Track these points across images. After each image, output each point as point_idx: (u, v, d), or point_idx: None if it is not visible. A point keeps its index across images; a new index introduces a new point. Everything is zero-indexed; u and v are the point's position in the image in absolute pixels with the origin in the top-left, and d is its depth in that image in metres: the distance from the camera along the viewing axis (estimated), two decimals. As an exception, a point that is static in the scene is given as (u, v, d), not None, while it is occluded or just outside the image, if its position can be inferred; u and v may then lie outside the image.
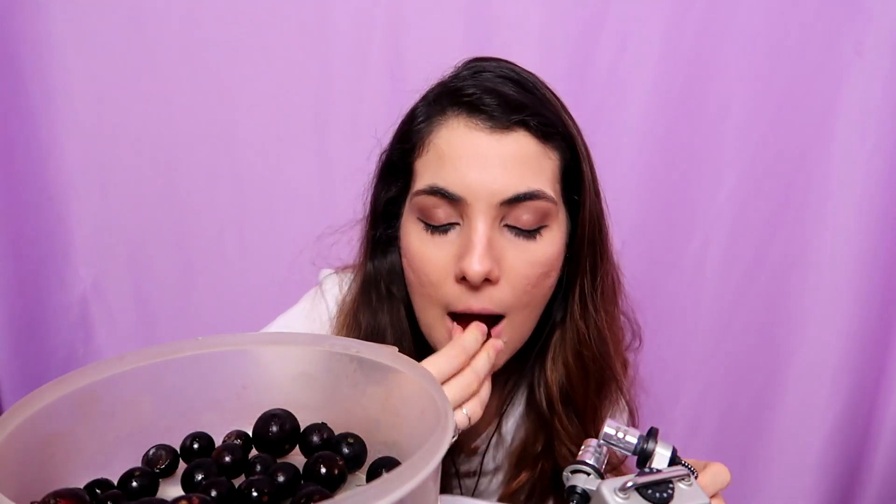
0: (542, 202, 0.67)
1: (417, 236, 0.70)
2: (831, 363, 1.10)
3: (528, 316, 0.72)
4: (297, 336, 0.57)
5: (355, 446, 0.54)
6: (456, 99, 0.69)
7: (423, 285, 0.70)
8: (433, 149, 0.69)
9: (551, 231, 0.69)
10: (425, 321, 0.73)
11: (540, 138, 0.68)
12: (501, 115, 0.67)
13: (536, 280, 0.69)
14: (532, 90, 0.70)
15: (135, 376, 0.53)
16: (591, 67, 1.02)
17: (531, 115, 0.67)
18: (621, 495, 0.46)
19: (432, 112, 0.71)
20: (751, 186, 1.06)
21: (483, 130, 0.67)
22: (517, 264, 0.67)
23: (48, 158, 1.10)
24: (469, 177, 0.66)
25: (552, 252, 0.70)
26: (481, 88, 0.68)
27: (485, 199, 0.65)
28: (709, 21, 1.00)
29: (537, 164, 0.68)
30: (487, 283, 0.67)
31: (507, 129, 0.67)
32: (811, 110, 1.03)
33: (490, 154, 0.66)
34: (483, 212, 0.66)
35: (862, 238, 1.06)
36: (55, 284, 1.15)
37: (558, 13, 1.00)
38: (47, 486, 0.46)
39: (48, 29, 1.04)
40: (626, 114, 1.03)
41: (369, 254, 0.79)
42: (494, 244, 0.66)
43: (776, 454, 1.16)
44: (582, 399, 0.78)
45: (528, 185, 0.66)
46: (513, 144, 0.67)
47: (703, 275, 1.10)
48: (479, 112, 0.67)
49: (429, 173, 0.69)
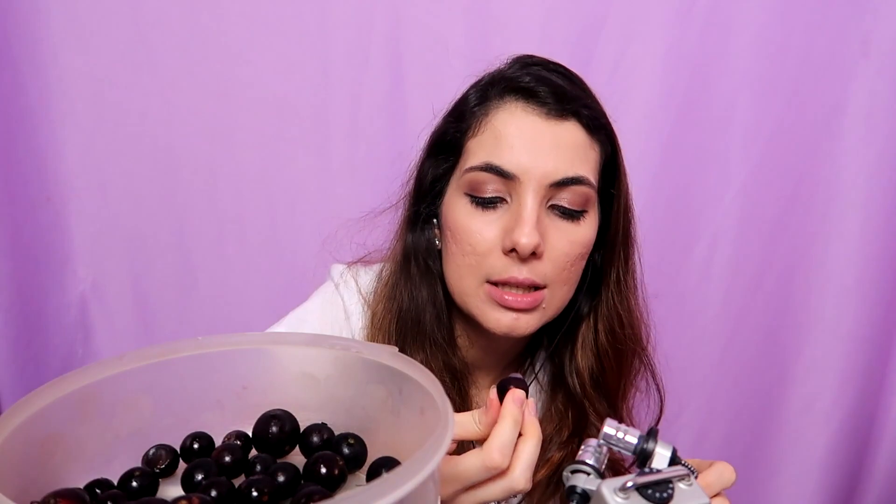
0: (586, 188, 0.72)
1: (465, 209, 0.74)
2: (837, 366, 1.10)
3: (565, 293, 0.76)
4: (298, 336, 0.57)
5: (355, 446, 0.54)
6: (513, 85, 0.73)
7: (467, 255, 0.74)
8: (490, 129, 0.73)
9: (590, 216, 0.75)
10: (461, 289, 0.76)
11: (588, 130, 0.73)
12: (556, 104, 0.71)
13: (574, 259, 0.74)
14: (579, 84, 0.76)
15: (135, 376, 0.53)
16: (593, 68, 1.02)
17: (582, 107, 0.72)
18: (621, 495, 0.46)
19: (489, 96, 0.75)
20: (757, 187, 1.06)
21: (539, 115, 0.71)
22: (559, 244, 0.72)
23: (48, 158, 1.09)
24: (524, 157, 0.70)
25: (589, 235, 0.75)
26: (536, 78, 0.73)
27: (536, 178, 0.70)
28: (713, 20, 1.00)
29: (584, 153, 0.73)
30: (532, 257, 0.71)
31: (561, 117, 0.72)
32: (817, 110, 1.02)
33: (544, 138, 0.71)
34: (534, 190, 0.70)
35: (868, 239, 1.05)
36: (55, 285, 1.14)
37: (558, 13, 1.00)
38: (47, 486, 0.46)
39: (48, 29, 1.04)
40: (629, 115, 1.03)
41: (409, 229, 0.83)
42: (541, 222, 0.71)
43: (781, 457, 1.16)
44: (615, 381, 0.83)
45: (577, 170, 0.71)
46: (565, 132, 0.72)
47: (709, 277, 1.10)
48: (535, 98, 0.72)
49: (484, 151, 0.73)
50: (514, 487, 0.56)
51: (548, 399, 0.86)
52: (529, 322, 0.74)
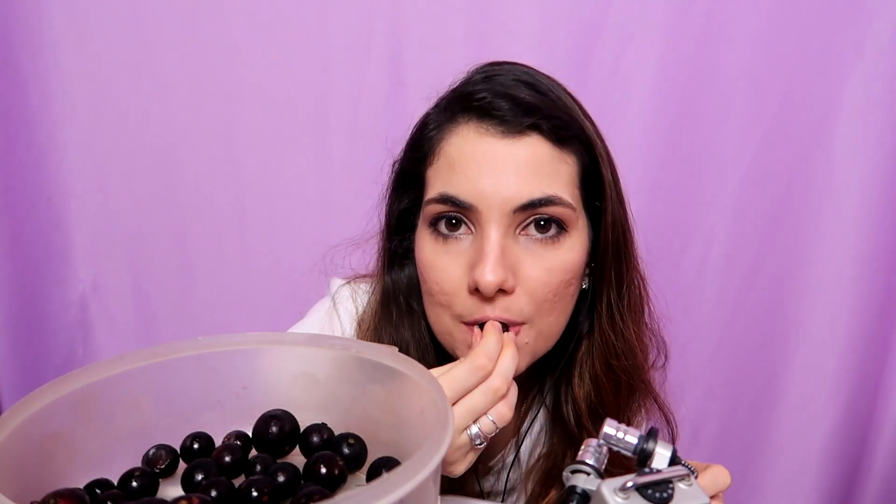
0: (558, 208, 0.65)
1: (430, 245, 0.68)
2: (832, 364, 1.10)
3: (553, 324, 0.69)
4: (298, 336, 0.57)
5: (355, 446, 0.54)
6: (466, 104, 0.67)
7: (435, 294, 0.68)
8: (444, 157, 0.67)
9: (571, 238, 0.67)
10: (439, 329, 0.71)
11: (554, 142, 0.66)
12: (513, 119, 0.64)
13: (557, 288, 0.66)
14: (546, 92, 0.68)
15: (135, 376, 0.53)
16: (592, 68, 1.02)
17: (544, 118, 0.65)
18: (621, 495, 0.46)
19: (443, 119, 0.69)
20: (752, 187, 1.06)
21: (494, 136, 0.65)
22: (535, 272, 0.65)
23: (47, 159, 1.10)
24: (480, 184, 0.64)
25: (572, 259, 0.67)
26: (493, 93, 0.66)
27: (497, 206, 0.63)
28: (710, 23, 1.00)
29: (553, 168, 0.65)
30: (502, 294, 0.64)
31: (520, 134, 0.65)
32: (812, 111, 1.03)
33: (502, 160, 0.64)
34: (496, 220, 0.64)
35: (863, 238, 1.06)
36: (55, 284, 1.14)
37: (558, 13, 1.00)
38: (47, 486, 0.46)
39: (48, 29, 1.04)
40: (626, 115, 1.03)
41: (386, 267, 0.77)
42: (509, 253, 0.64)
43: (777, 455, 1.16)
44: (613, 412, 0.75)
45: (544, 190, 0.64)
46: (525, 149, 0.64)
47: (704, 276, 1.10)
48: (489, 117, 0.65)
49: (440, 181, 0.67)
50: (494, 387, 0.58)
51: (550, 429, 0.80)
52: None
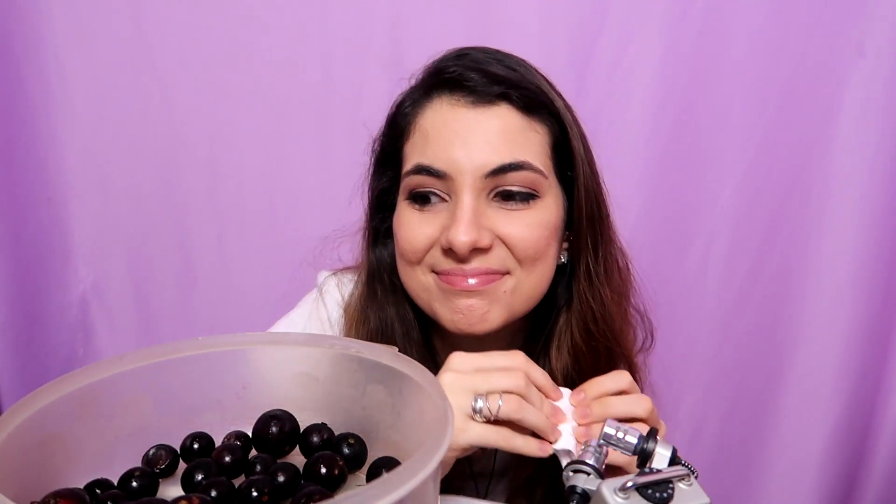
0: (529, 173, 0.67)
1: (406, 213, 0.71)
2: (832, 364, 1.10)
3: (534, 283, 0.71)
4: (298, 336, 0.57)
5: (355, 446, 0.54)
6: (439, 79, 0.70)
7: (406, 253, 0.71)
8: (419, 130, 0.70)
9: (545, 202, 0.69)
10: (414, 289, 0.73)
11: (524, 111, 0.68)
12: (483, 90, 0.67)
13: (537, 243, 0.68)
14: (516, 67, 0.71)
15: (135, 376, 0.53)
16: (592, 69, 1.02)
17: (513, 88, 0.67)
18: (621, 495, 0.46)
19: (418, 96, 0.72)
20: (753, 187, 1.06)
21: (465, 106, 0.68)
22: (515, 229, 0.67)
23: (48, 159, 1.10)
24: (453, 152, 0.66)
25: (548, 218, 0.69)
26: (464, 67, 0.69)
27: (470, 172, 0.66)
28: (710, 23, 1.00)
29: (523, 136, 0.68)
30: (478, 253, 0.67)
31: (490, 104, 0.67)
32: (813, 111, 1.03)
33: (473, 129, 0.67)
34: (469, 184, 0.66)
35: (863, 239, 1.06)
36: (55, 285, 1.15)
37: (558, 13, 1.00)
38: (47, 486, 0.46)
39: (48, 29, 1.04)
40: (627, 115, 1.03)
41: (371, 245, 0.80)
42: (483, 215, 0.67)
43: (777, 455, 1.16)
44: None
45: (514, 156, 0.66)
46: (496, 118, 0.67)
47: (705, 276, 1.10)
48: (461, 88, 0.68)
49: (416, 154, 0.70)
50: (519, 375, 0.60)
51: None
52: (488, 311, 0.69)
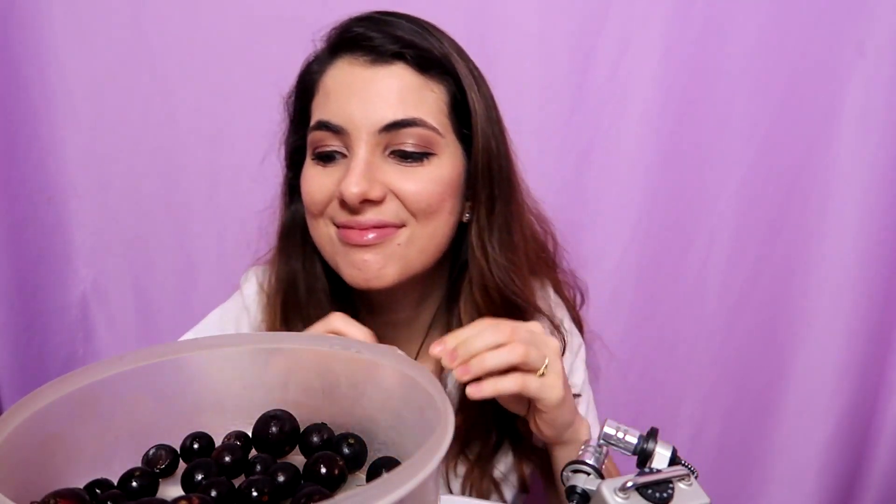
0: (422, 129, 0.70)
1: (310, 169, 0.74)
2: (833, 364, 1.10)
3: (429, 237, 0.73)
4: (298, 336, 0.58)
5: (355, 446, 0.54)
6: (342, 39, 0.73)
7: (309, 206, 0.74)
8: (322, 89, 0.73)
9: (440, 160, 0.72)
10: (320, 243, 0.75)
11: (419, 70, 0.71)
12: (380, 49, 0.70)
13: (430, 198, 0.71)
14: (420, 30, 0.73)
15: (135, 376, 0.53)
16: (592, 68, 1.02)
17: (409, 48, 0.70)
18: (621, 495, 0.46)
19: (324, 57, 0.75)
20: (754, 188, 1.06)
21: (364, 65, 0.71)
22: (408, 185, 0.70)
23: (48, 159, 1.09)
24: (349, 108, 0.69)
25: (444, 174, 0.72)
26: (366, 27, 0.72)
27: (365, 127, 0.69)
28: (710, 23, 0.99)
29: (418, 94, 0.70)
30: (370, 204, 0.69)
31: (387, 63, 0.70)
32: (813, 111, 1.02)
33: (370, 86, 0.70)
34: (364, 139, 0.69)
35: (864, 239, 1.05)
36: (55, 284, 1.14)
37: (558, 13, 1.00)
38: (47, 486, 0.46)
39: (48, 29, 1.04)
40: (627, 115, 1.03)
41: (287, 200, 0.83)
42: (377, 169, 0.70)
43: (779, 455, 1.16)
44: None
45: (409, 113, 0.69)
46: (391, 76, 0.70)
47: (706, 277, 1.10)
48: (359, 48, 0.71)
49: (318, 111, 0.73)
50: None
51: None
52: (384, 266, 0.71)
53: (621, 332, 1.10)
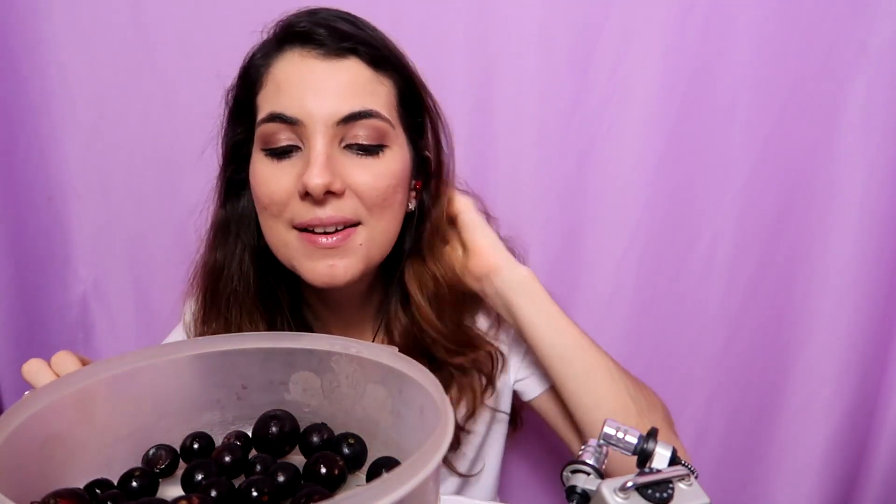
0: (377, 121, 0.71)
1: (261, 164, 0.73)
2: (835, 365, 1.10)
3: (385, 230, 0.75)
4: (298, 336, 0.57)
5: (355, 446, 0.54)
6: (290, 32, 0.74)
7: (268, 206, 0.73)
8: (272, 81, 0.73)
9: (392, 151, 0.73)
10: (275, 243, 0.75)
11: (371, 65, 0.73)
12: (332, 44, 0.71)
13: (385, 192, 0.72)
14: (363, 27, 0.75)
15: (135, 376, 0.53)
16: (593, 68, 1.02)
17: (360, 44, 0.72)
18: (621, 495, 0.46)
19: (269, 49, 0.75)
20: (756, 188, 1.06)
21: (317, 58, 0.71)
22: (363, 178, 0.71)
23: (48, 158, 1.09)
24: (305, 100, 0.70)
25: (395, 167, 0.73)
26: (314, 23, 0.73)
27: (321, 119, 0.69)
28: (712, 21, 0.99)
29: (371, 87, 0.72)
30: (332, 196, 0.70)
31: (340, 57, 0.71)
32: (816, 110, 1.02)
33: (324, 79, 0.71)
34: (321, 132, 0.69)
35: (866, 239, 1.05)
36: (55, 284, 1.14)
37: (559, 13, 1.00)
38: (47, 486, 0.46)
39: (48, 29, 1.04)
40: (629, 115, 1.03)
41: (223, 199, 0.83)
42: (335, 161, 0.70)
43: (781, 456, 1.16)
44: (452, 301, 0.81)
45: (363, 104, 0.70)
46: (345, 70, 0.71)
47: (709, 277, 1.09)
48: (311, 42, 0.72)
49: (269, 103, 0.72)
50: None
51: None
52: (349, 266, 0.72)
53: (622, 333, 1.10)
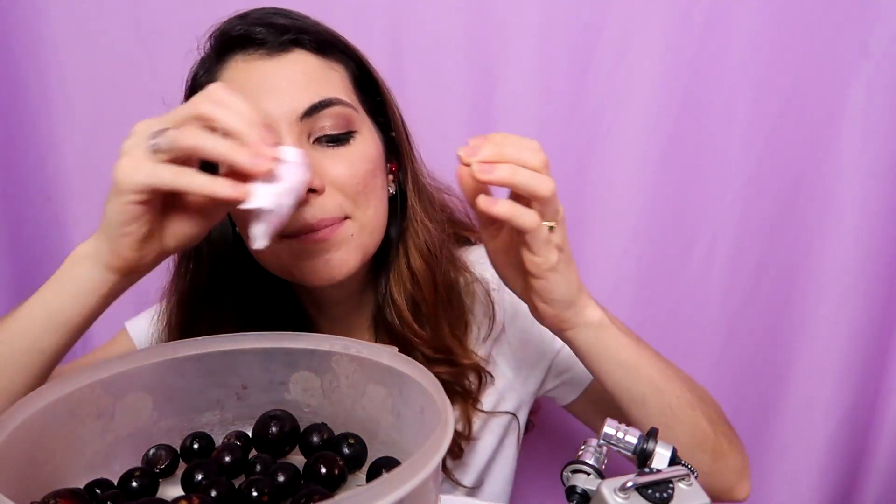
0: (340, 107, 0.68)
1: None
2: (834, 365, 1.10)
3: (373, 214, 0.72)
4: (298, 336, 0.57)
5: (355, 446, 0.54)
6: (226, 40, 0.71)
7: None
8: None
9: (362, 135, 0.71)
10: (265, 254, 0.71)
11: (317, 52, 0.70)
12: (273, 40, 0.69)
13: (364, 178, 0.70)
14: (299, 18, 0.72)
15: (135, 376, 0.53)
16: (593, 68, 1.02)
17: (302, 33, 0.69)
18: (621, 495, 0.46)
19: (210, 63, 0.72)
20: (756, 188, 1.06)
21: (261, 59, 0.69)
22: (340, 169, 0.68)
23: (47, 158, 1.09)
24: (261, 104, 0.66)
25: (369, 151, 0.71)
26: (248, 23, 0.70)
27: (284, 119, 0.66)
28: (712, 22, 0.99)
29: (323, 75, 0.70)
30: (314, 195, 0.67)
31: (283, 51, 0.69)
32: (816, 111, 1.02)
33: (274, 77, 0.68)
34: (286, 131, 0.66)
35: (866, 238, 1.05)
36: (55, 284, 1.14)
37: (558, 13, 1.00)
38: (47, 486, 0.46)
39: (48, 29, 1.04)
40: (628, 115, 1.02)
41: None
42: (309, 159, 0.67)
43: (780, 455, 1.16)
44: (432, 304, 0.77)
45: (321, 94, 0.68)
46: (293, 63, 0.69)
47: (708, 277, 1.09)
48: (251, 43, 0.69)
49: None
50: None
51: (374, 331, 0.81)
52: (346, 258, 0.69)
53: (621, 332, 1.10)
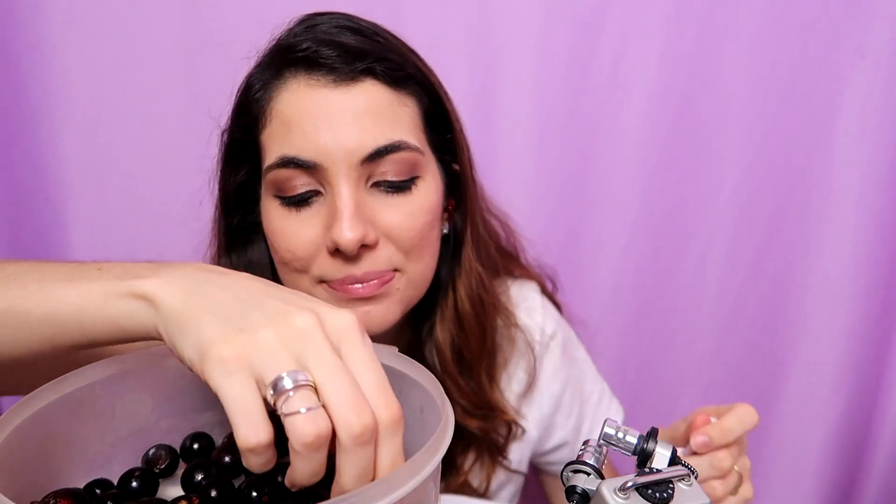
0: (405, 153, 0.62)
1: (277, 213, 0.64)
2: (832, 363, 1.10)
3: (423, 270, 0.67)
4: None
5: (355, 446, 0.54)
6: (291, 57, 0.63)
7: (290, 262, 0.64)
8: (276, 117, 0.63)
9: (425, 181, 0.65)
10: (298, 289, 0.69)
11: (391, 85, 0.62)
12: (343, 66, 0.61)
13: (422, 231, 0.64)
14: (372, 36, 0.65)
15: (135, 376, 0.53)
16: (592, 68, 1.02)
17: (376, 61, 0.61)
18: (621, 495, 0.46)
19: (268, 77, 0.65)
20: (752, 187, 1.06)
21: (326, 86, 0.61)
22: (396, 219, 0.62)
23: (47, 158, 1.09)
24: (321, 139, 0.60)
25: (430, 200, 0.65)
26: (316, 41, 0.62)
27: (343, 159, 0.60)
28: (710, 22, 1.00)
29: (392, 113, 0.62)
30: (366, 250, 0.62)
31: (353, 81, 0.61)
32: (813, 111, 1.03)
33: (338, 110, 0.60)
34: (344, 174, 0.60)
35: (862, 239, 1.06)
36: (55, 284, 1.14)
37: (558, 13, 1.00)
38: (47, 486, 0.46)
39: (48, 29, 1.04)
40: (627, 114, 1.03)
41: (225, 247, 0.73)
42: (364, 206, 0.61)
43: (778, 455, 1.16)
44: (476, 354, 0.74)
45: (389, 136, 0.61)
46: (362, 96, 0.61)
47: (704, 276, 1.10)
48: (318, 67, 0.61)
49: (277, 144, 0.62)
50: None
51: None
52: (386, 313, 0.64)
53: (620, 330, 1.10)
